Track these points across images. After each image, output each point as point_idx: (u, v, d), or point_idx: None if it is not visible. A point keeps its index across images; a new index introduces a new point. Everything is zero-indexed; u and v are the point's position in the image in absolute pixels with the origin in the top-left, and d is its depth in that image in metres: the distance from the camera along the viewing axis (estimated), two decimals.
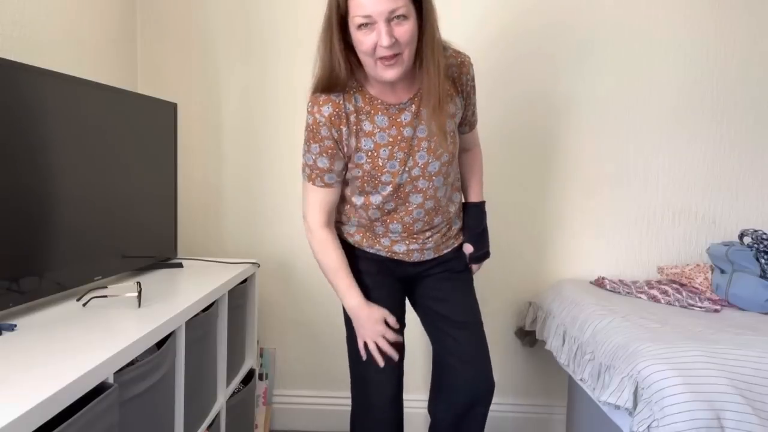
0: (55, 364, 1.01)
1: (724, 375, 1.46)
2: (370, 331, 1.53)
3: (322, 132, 1.42)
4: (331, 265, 1.54)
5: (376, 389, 1.62)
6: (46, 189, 1.36)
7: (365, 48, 1.31)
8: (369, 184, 1.48)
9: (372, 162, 1.45)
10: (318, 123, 1.42)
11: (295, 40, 2.37)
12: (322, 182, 1.48)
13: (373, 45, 1.29)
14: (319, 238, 1.53)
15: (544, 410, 2.47)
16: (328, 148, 1.44)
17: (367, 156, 1.45)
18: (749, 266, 2.04)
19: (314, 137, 1.44)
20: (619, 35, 2.35)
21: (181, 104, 2.37)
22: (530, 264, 2.44)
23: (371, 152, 1.44)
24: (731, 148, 2.39)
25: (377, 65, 1.33)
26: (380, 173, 1.46)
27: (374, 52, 1.31)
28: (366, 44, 1.30)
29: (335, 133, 1.42)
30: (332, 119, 1.41)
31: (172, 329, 1.37)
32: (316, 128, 1.42)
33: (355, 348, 1.62)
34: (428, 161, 1.47)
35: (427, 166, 1.47)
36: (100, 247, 1.58)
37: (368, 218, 1.55)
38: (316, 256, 1.57)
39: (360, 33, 1.30)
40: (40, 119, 1.33)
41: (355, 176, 1.48)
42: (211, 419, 1.71)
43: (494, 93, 2.38)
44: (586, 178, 2.40)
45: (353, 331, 1.60)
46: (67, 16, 1.88)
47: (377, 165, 1.45)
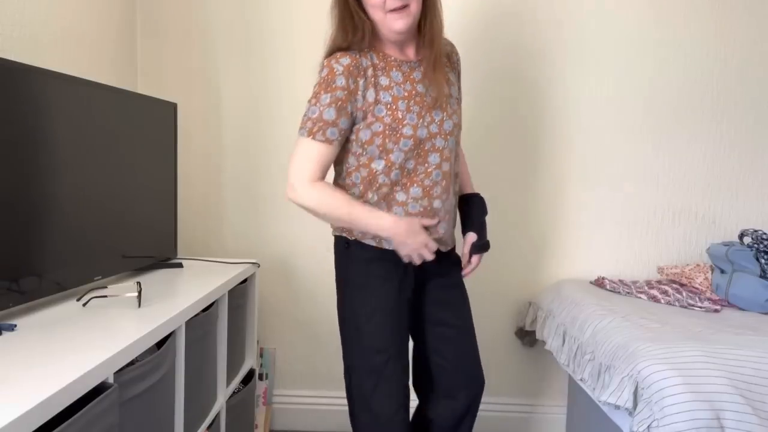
0: (55, 364, 1.01)
1: (724, 375, 1.46)
2: (415, 243, 1.47)
3: (338, 82, 1.42)
4: (342, 202, 1.45)
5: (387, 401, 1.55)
6: (46, 189, 1.36)
7: (376, 1, 1.39)
8: (390, 139, 1.45)
9: (392, 114, 1.45)
10: (335, 72, 1.42)
11: (294, 40, 2.37)
12: (323, 136, 1.42)
13: None
14: (318, 187, 1.44)
15: (544, 410, 2.47)
16: (338, 100, 1.42)
17: (387, 108, 1.45)
18: (749, 266, 2.04)
19: (327, 87, 1.42)
20: (619, 35, 2.35)
21: (181, 104, 2.37)
22: (530, 264, 2.44)
23: (390, 105, 1.45)
24: (731, 148, 2.39)
25: (387, 17, 1.41)
26: (401, 126, 1.45)
27: (384, 5, 1.39)
28: None
29: (351, 84, 1.42)
30: (350, 69, 1.42)
31: (172, 329, 1.37)
32: (331, 78, 1.42)
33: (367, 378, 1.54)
34: (443, 118, 1.51)
35: (443, 123, 1.51)
36: (100, 247, 1.58)
37: (390, 182, 1.48)
38: (319, 209, 1.45)
39: None
40: (40, 119, 1.33)
41: (375, 132, 1.45)
42: (211, 419, 1.71)
43: (494, 93, 2.38)
44: (587, 178, 2.40)
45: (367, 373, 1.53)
46: (67, 16, 1.88)
47: (397, 117, 1.45)
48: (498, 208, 2.40)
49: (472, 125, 2.37)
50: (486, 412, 2.48)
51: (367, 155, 1.48)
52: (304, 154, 1.44)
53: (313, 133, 1.43)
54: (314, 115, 1.43)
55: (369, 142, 1.46)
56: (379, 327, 1.52)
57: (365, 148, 1.47)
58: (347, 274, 1.58)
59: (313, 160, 1.43)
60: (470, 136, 2.38)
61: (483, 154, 2.39)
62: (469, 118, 2.34)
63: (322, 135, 1.42)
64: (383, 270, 1.53)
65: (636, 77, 2.36)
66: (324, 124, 1.42)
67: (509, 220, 2.42)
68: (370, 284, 1.54)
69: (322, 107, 1.42)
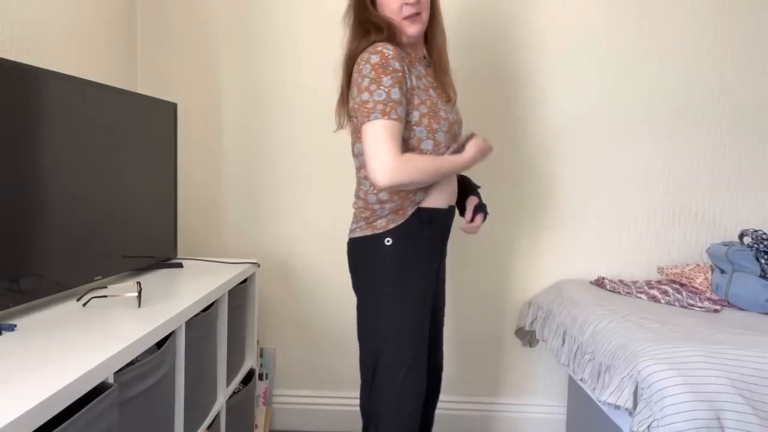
0: (55, 364, 1.01)
1: (724, 375, 1.46)
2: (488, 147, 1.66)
3: (392, 64, 1.47)
4: (429, 160, 1.50)
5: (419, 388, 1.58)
6: (46, 189, 1.36)
7: (394, 7, 1.54)
8: (434, 119, 1.54)
9: (429, 99, 1.56)
10: (387, 57, 1.47)
11: (295, 40, 2.37)
12: (396, 114, 1.45)
13: (401, 5, 1.53)
14: (406, 158, 1.46)
15: (544, 410, 2.47)
16: (399, 80, 1.47)
17: (425, 93, 1.56)
18: (749, 266, 2.04)
19: (384, 70, 1.46)
20: (619, 35, 2.35)
21: (181, 104, 2.37)
22: (530, 264, 2.44)
23: (426, 90, 1.57)
24: (731, 148, 2.39)
25: (402, 23, 1.55)
26: (437, 109, 1.57)
27: (401, 11, 1.54)
28: (393, 4, 1.54)
29: (404, 67, 1.50)
30: (396, 53, 1.49)
31: (172, 329, 1.36)
32: (386, 62, 1.47)
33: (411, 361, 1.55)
34: (453, 109, 1.66)
35: (457, 113, 1.68)
36: (100, 247, 1.58)
37: None
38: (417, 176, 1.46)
39: None
40: (40, 119, 1.33)
41: (422, 113, 1.53)
42: (211, 419, 1.71)
43: (493, 92, 2.38)
44: (586, 178, 2.40)
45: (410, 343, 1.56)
46: (67, 16, 1.88)
47: (433, 101, 1.56)
48: (498, 208, 2.41)
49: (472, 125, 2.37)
50: (486, 412, 2.48)
51: (416, 137, 1.53)
52: (384, 134, 1.44)
53: (387, 113, 1.45)
54: (381, 97, 1.45)
55: (417, 123, 1.52)
56: (419, 320, 1.58)
57: (414, 129, 1.53)
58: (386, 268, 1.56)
59: (394, 138, 1.45)
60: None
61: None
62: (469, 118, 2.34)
63: (395, 113, 1.46)
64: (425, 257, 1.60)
65: (636, 77, 2.36)
66: (393, 103, 1.46)
67: (509, 219, 2.42)
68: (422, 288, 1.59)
69: (386, 89, 1.46)
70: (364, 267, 1.59)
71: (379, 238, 1.55)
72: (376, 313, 1.57)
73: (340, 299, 2.44)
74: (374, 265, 1.57)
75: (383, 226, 1.54)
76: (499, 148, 2.39)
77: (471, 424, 2.47)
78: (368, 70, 1.47)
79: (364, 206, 1.59)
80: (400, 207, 1.55)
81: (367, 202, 1.57)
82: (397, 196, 1.54)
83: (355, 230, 1.60)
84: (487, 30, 2.36)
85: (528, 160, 2.40)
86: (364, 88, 1.47)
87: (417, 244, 1.56)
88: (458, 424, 2.46)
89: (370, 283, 1.58)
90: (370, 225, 1.56)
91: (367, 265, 1.58)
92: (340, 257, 2.43)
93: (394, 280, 1.55)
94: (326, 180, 2.41)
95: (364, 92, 1.47)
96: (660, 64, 2.36)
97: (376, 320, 1.57)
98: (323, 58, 2.36)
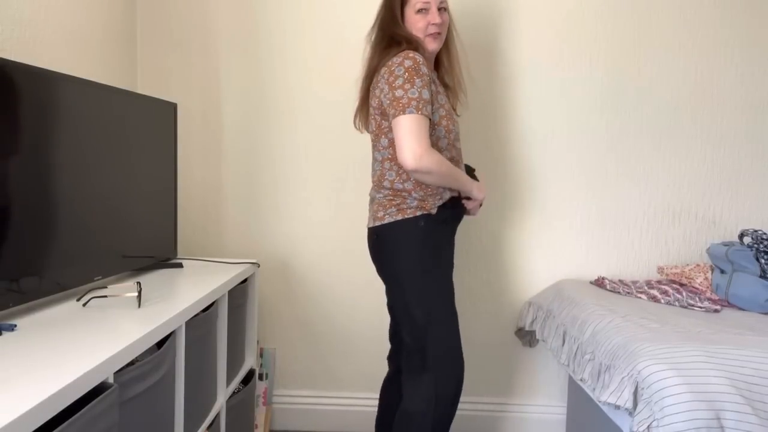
0: (55, 364, 1.01)
1: (724, 375, 1.46)
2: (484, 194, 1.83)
3: (422, 69, 1.65)
4: (451, 166, 1.70)
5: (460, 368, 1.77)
6: (46, 189, 1.36)
7: (421, 25, 1.75)
8: (451, 121, 1.76)
9: (447, 103, 1.78)
10: (418, 62, 1.66)
11: (294, 40, 2.37)
12: (427, 111, 1.64)
13: (427, 24, 1.74)
14: (436, 153, 1.65)
15: (544, 410, 2.47)
16: (427, 83, 1.66)
17: (443, 97, 1.77)
18: (749, 266, 2.04)
19: (417, 73, 1.64)
20: (618, 34, 2.35)
21: (181, 104, 2.37)
22: (530, 264, 2.44)
23: (443, 95, 1.78)
24: (731, 148, 2.39)
25: (426, 40, 1.76)
26: (451, 112, 1.79)
27: (426, 29, 1.75)
28: (421, 23, 1.74)
29: (428, 72, 1.68)
30: (423, 60, 1.68)
31: (172, 329, 1.37)
32: (417, 66, 1.65)
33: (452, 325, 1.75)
34: (457, 121, 1.84)
35: (457, 124, 1.85)
36: (100, 247, 1.58)
37: (451, 159, 1.77)
38: (441, 169, 1.64)
39: (418, 15, 1.75)
40: (40, 119, 1.33)
41: (442, 115, 1.73)
42: (211, 419, 1.71)
43: (493, 92, 2.38)
44: (586, 178, 2.40)
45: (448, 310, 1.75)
46: (67, 16, 1.88)
47: (448, 107, 1.78)
48: (498, 208, 2.41)
49: (473, 125, 2.37)
50: (486, 412, 2.48)
51: (435, 135, 1.72)
52: (418, 127, 1.62)
53: (419, 110, 1.63)
54: (415, 95, 1.63)
55: (438, 123, 1.72)
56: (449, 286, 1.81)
57: (435, 128, 1.72)
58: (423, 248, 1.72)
59: (425, 131, 1.64)
60: (470, 136, 2.38)
61: (483, 154, 2.39)
62: (468, 117, 2.34)
63: (426, 111, 1.64)
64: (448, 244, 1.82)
65: (636, 77, 2.36)
66: (425, 102, 1.64)
67: (509, 219, 2.42)
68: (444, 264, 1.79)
69: (419, 89, 1.64)
70: (399, 247, 1.73)
71: (412, 221, 1.71)
72: (421, 282, 1.72)
73: (341, 299, 2.45)
74: (411, 243, 1.71)
75: (412, 212, 1.70)
76: (500, 148, 2.39)
77: (471, 424, 2.47)
78: (402, 71, 1.64)
79: (393, 195, 1.73)
80: (430, 195, 1.72)
81: (395, 191, 1.72)
82: (420, 188, 1.71)
83: (384, 217, 1.73)
84: (477, 26, 2.36)
85: (528, 159, 2.40)
86: (398, 86, 1.64)
87: (443, 228, 1.76)
88: (458, 424, 2.46)
89: (407, 259, 1.72)
90: (401, 211, 1.71)
91: (401, 246, 1.72)
92: (340, 257, 2.43)
93: (431, 253, 1.72)
94: (326, 180, 2.41)
95: (397, 89, 1.64)
96: (660, 64, 2.36)
97: (423, 288, 1.72)
98: (323, 57, 2.36)
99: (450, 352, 1.75)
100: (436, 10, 1.75)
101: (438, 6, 1.76)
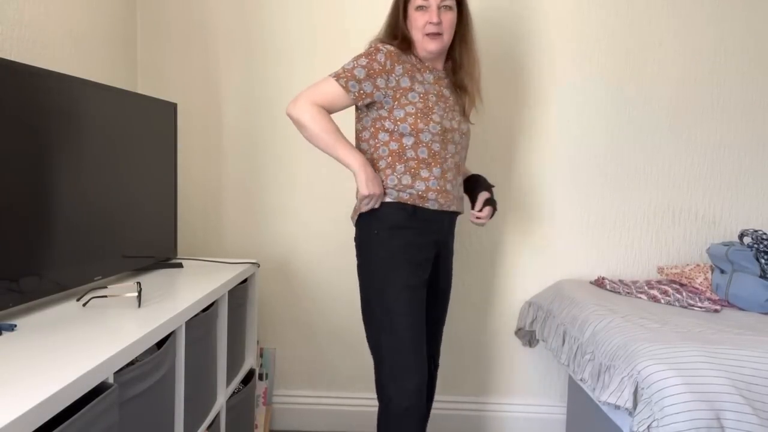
0: (55, 364, 1.01)
1: (724, 375, 1.46)
2: (376, 187, 1.66)
3: (378, 57, 1.67)
4: (332, 126, 1.66)
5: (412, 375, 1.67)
6: (46, 189, 1.36)
7: (419, 24, 1.71)
8: (422, 119, 1.69)
9: (423, 102, 1.70)
10: (379, 50, 1.68)
11: (294, 40, 2.37)
12: (344, 82, 1.65)
13: (425, 22, 1.70)
14: (317, 108, 1.65)
15: (544, 410, 2.47)
16: (375, 71, 1.66)
17: (419, 96, 1.70)
18: (749, 266, 2.04)
19: (368, 56, 1.67)
20: (619, 35, 2.35)
21: (181, 104, 2.37)
22: (530, 264, 2.44)
23: (422, 94, 1.71)
24: (731, 148, 2.39)
25: (424, 39, 1.72)
26: (431, 112, 1.70)
27: (424, 28, 1.71)
28: (419, 21, 1.71)
29: (389, 65, 1.67)
30: (392, 54, 1.69)
31: (172, 329, 1.36)
32: (374, 52, 1.68)
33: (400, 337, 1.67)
34: (461, 120, 1.79)
35: (461, 123, 1.79)
36: (100, 247, 1.58)
37: (417, 159, 1.70)
38: (311, 124, 1.64)
39: (417, 13, 1.72)
40: (40, 119, 1.33)
41: (408, 113, 1.68)
42: (211, 419, 1.71)
43: (492, 92, 2.38)
44: (587, 178, 2.40)
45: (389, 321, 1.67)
46: (67, 16, 1.88)
47: (428, 105, 1.70)
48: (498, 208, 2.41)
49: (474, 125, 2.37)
50: (486, 412, 2.48)
51: (399, 131, 1.69)
52: (321, 87, 1.67)
53: (338, 76, 1.66)
54: (348, 67, 1.67)
55: (402, 120, 1.68)
56: None
57: (398, 125, 1.69)
58: None
59: (326, 93, 1.66)
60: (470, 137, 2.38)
61: (483, 154, 2.39)
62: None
63: (345, 81, 1.65)
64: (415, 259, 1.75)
65: (636, 77, 2.36)
66: (351, 75, 1.66)
67: (509, 219, 2.42)
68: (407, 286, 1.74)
69: (356, 65, 1.67)
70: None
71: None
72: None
73: (341, 299, 2.44)
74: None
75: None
76: (500, 147, 2.40)
77: (471, 424, 2.47)
78: (359, 54, 1.69)
79: None
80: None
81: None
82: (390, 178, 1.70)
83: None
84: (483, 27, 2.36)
85: (528, 160, 2.40)
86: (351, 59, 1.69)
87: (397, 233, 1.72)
88: (458, 424, 2.46)
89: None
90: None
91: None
92: (340, 257, 2.43)
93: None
94: (326, 180, 2.41)
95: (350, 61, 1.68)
96: (660, 64, 2.36)
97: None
98: (323, 57, 2.36)
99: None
100: (436, 8, 1.70)
101: (439, 5, 1.71)
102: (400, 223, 1.69)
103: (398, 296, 1.66)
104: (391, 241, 1.69)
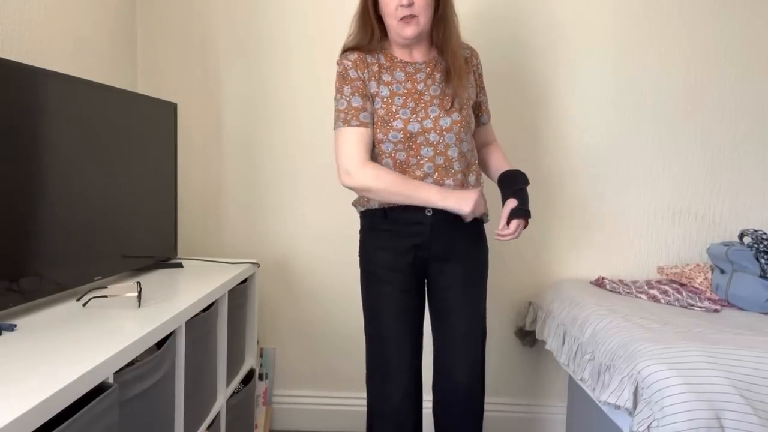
0: (55, 364, 1.01)
1: (724, 375, 1.46)
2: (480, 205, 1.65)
3: (351, 74, 1.62)
4: (398, 179, 1.58)
5: (385, 377, 1.68)
6: (46, 189, 1.36)
7: (389, 9, 1.58)
8: (381, 130, 1.62)
9: (386, 108, 1.63)
10: (346, 67, 1.63)
11: (294, 40, 2.37)
12: (357, 121, 1.60)
13: (396, 6, 1.56)
14: (371, 166, 1.58)
15: (544, 410, 2.47)
16: (359, 88, 1.62)
17: (383, 102, 1.63)
18: (749, 266, 2.04)
19: (345, 80, 1.63)
20: (618, 35, 2.35)
21: (181, 104, 2.37)
22: (530, 264, 2.44)
23: (386, 99, 1.63)
24: (731, 148, 2.39)
25: (398, 24, 1.59)
26: (392, 119, 1.62)
27: (396, 12, 1.57)
28: (390, 5, 1.58)
29: (361, 74, 1.63)
30: (357, 62, 1.63)
31: (172, 329, 1.37)
32: (345, 72, 1.63)
33: (375, 337, 1.69)
34: (439, 115, 1.64)
35: (438, 120, 1.63)
36: (100, 247, 1.58)
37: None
38: (377, 185, 1.56)
39: None
40: (40, 119, 1.33)
41: (374, 121, 1.64)
42: (211, 419, 1.71)
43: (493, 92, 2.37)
44: (586, 178, 2.40)
45: (372, 322, 1.69)
46: (67, 16, 1.88)
47: (390, 111, 1.62)
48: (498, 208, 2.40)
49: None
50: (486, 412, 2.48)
51: (377, 138, 1.64)
52: (347, 141, 1.60)
53: (347, 122, 1.60)
54: (343, 106, 1.62)
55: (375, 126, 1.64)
56: None
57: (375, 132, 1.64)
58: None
59: (357, 143, 1.59)
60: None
61: None
62: None
63: (356, 120, 1.60)
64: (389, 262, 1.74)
65: (636, 77, 2.36)
66: (355, 110, 1.61)
67: None
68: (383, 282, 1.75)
69: (347, 98, 1.62)
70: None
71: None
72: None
73: (340, 299, 2.44)
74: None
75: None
76: None
77: None
78: (336, 79, 1.66)
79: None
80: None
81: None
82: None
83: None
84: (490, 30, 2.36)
85: (527, 160, 2.40)
86: (335, 96, 1.66)
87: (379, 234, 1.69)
88: None
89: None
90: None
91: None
92: (340, 257, 2.43)
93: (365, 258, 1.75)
94: (326, 180, 2.41)
95: (334, 101, 1.66)
96: (660, 65, 2.36)
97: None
98: (323, 57, 2.35)
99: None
100: None
101: None
102: (374, 224, 1.69)
103: (376, 297, 1.68)
104: (367, 241, 1.72)
